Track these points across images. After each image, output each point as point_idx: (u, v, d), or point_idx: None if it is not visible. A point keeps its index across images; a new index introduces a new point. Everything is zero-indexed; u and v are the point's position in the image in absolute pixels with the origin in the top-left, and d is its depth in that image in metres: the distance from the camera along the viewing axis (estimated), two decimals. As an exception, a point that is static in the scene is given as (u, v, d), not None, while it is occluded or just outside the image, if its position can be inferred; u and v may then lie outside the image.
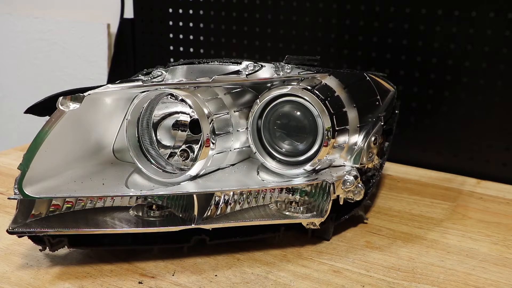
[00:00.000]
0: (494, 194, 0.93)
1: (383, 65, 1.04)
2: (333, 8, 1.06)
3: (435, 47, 0.99)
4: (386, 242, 0.76)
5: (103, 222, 0.70)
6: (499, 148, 0.98)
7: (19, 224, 0.67)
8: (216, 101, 0.73)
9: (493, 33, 0.94)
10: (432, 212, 0.85)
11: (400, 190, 0.94)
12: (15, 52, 1.57)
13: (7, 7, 1.56)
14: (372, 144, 0.77)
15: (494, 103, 0.97)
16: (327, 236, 0.76)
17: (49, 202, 0.69)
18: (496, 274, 0.69)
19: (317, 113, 0.72)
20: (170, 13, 1.24)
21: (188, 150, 0.75)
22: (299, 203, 0.75)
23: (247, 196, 0.73)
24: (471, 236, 0.78)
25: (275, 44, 1.13)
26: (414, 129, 1.05)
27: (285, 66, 0.77)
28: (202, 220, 0.69)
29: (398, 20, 1.01)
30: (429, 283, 0.67)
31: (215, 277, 0.67)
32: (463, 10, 0.95)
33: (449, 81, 1.00)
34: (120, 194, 0.70)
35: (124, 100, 0.73)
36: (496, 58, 0.95)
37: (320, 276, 0.68)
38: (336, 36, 1.07)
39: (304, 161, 0.74)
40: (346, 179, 0.73)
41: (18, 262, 0.70)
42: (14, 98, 1.60)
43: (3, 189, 0.91)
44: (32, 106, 0.68)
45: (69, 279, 0.66)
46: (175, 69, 0.77)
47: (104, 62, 1.42)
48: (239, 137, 0.75)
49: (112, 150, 0.76)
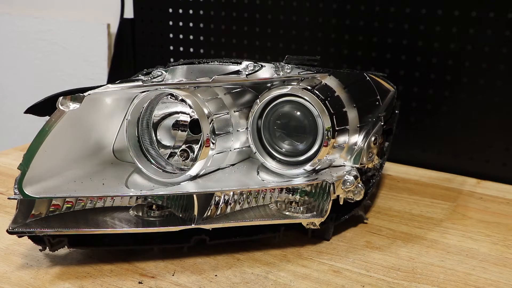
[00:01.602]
0: (494, 194, 0.93)
1: (383, 65, 1.04)
2: (333, 8, 1.06)
3: (435, 47, 0.99)
4: (386, 242, 0.76)
5: (103, 222, 0.70)
6: (499, 148, 0.98)
7: (19, 224, 0.67)
8: (216, 101, 0.73)
9: (493, 33, 0.94)
10: (432, 212, 0.85)
11: (400, 190, 0.94)
12: (15, 52, 1.56)
13: (7, 7, 1.55)
14: (372, 144, 0.77)
15: (494, 103, 0.97)
16: (327, 236, 0.76)
17: (49, 202, 0.69)
18: (496, 274, 0.69)
19: (317, 113, 0.72)
20: (170, 13, 1.24)
21: (188, 150, 0.75)
22: (299, 203, 0.74)
23: (247, 196, 0.73)
24: (471, 236, 0.78)
25: (275, 44, 1.13)
26: (414, 129, 1.05)
27: (285, 66, 0.77)
28: (202, 220, 0.69)
29: (398, 20, 1.01)
30: (429, 283, 0.67)
31: (215, 277, 0.67)
32: (463, 10, 0.95)
33: (449, 81, 1.00)
34: (120, 194, 0.70)
35: (124, 100, 0.73)
36: (496, 58, 0.95)
37: (320, 276, 0.68)
38: (336, 36, 1.07)
39: (304, 161, 0.74)
40: (346, 179, 0.73)
41: (18, 262, 0.70)
42: (14, 98, 1.60)
43: (3, 189, 0.91)
44: (32, 106, 0.68)
45: (69, 279, 0.66)
46: (175, 69, 0.77)
47: (104, 62, 1.42)
48: (239, 137, 0.75)
49: (112, 150, 0.76)
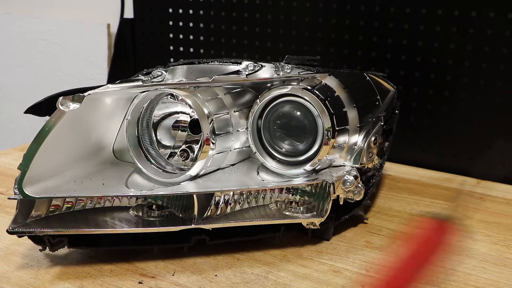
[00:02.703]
0: (494, 194, 0.93)
1: (383, 65, 1.04)
2: (333, 8, 1.06)
3: (435, 47, 0.99)
4: (386, 242, 0.76)
5: (103, 222, 0.70)
6: (499, 148, 0.98)
7: (19, 224, 0.67)
8: (216, 101, 0.73)
9: (493, 33, 0.94)
10: (432, 212, 0.85)
11: (400, 190, 0.94)
12: (15, 52, 1.56)
13: (7, 7, 1.55)
14: (372, 144, 0.77)
15: (494, 103, 0.97)
16: (327, 236, 0.76)
17: (49, 202, 0.69)
18: (496, 274, 0.69)
19: (317, 113, 0.72)
20: (170, 13, 1.24)
21: (188, 150, 0.75)
22: (299, 203, 0.74)
23: (247, 196, 0.73)
24: (471, 236, 0.78)
25: (275, 44, 1.13)
26: (414, 129, 1.05)
27: (285, 66, 0.77)
28: (202, 220, 0.69)
29: (398, 20, 1.01)
30: (429, 283, 0.67)
31: (215, 277, 0.67)
32: (463, 10, 0.95)
33: (449, 81, 1.00)
34: (120, 194, 0.70)
35: (124, 100, 0.73)
36: (496, 58, 0.95)
37: (320, 276, 0.68)
38: (336, 36, 1.07)
39: (304, 161, 0.74)
40: (346, 179, 0.73)
41: (18, 262, 0.70)
42: (14, 98, 1.60)
43: (3, 189, 0.91)
44: (32, 106, 0.68)
45: (69, 279, 0.66)
46: (175, 69, 0.77)
47: (104, 62, 1.42)
48: (239, 137, 0.75)
49: (112, 150, 0.76)
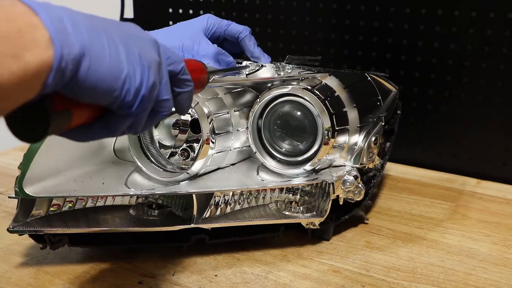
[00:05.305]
0: (494, 194, 0.93)
1: (383, 65, 1.04)
2: (333, 8, 1.06)
3: (435, 47, 0.99)
4: (386, 242, 0.76)
5: (103, 221, 0.70)
6: (499, 148, 0.98)
7: (19, 223, 0.67)
8: (216, 100, 0.73)
9: (493, 33, 0.94)
10: (432, 212, 0.85)
11: (400, 190, 0.94)
12: (15, 52, 1.56)
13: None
14: (373, 144, 0.77)
15: (494, 103, 0.97)
16: (327, 236, 0.76)
17: (50, 202, 0.69)
18: (496, 274, 0.69)
19: (317, 113, 0.72)
20: (170, 13, 1.24)
21: (189, 149, 0.75)
22: (299, 203, 0.74)
23: (247, 196, 0.73)
24: (471, 236, 0.78)
25: (275, 44, 1.13)
26: (414, 129, 1.05)
27: (286, 66, 0.77)
28: (202, 219, 0.69)
29: (398, 20, 1.01)
30: (429, 283, 0.67)
31: (215, 277, 0.67)
32: (463, 10, 0.95)
33: (449, 81, 1.00)
34: (120, 193, 0.71)
35: (124, 100, 0.73)
36: (496, 58, 0.95)
37: (320, 276, 0.68)
38: (336, 36, 1.07)
39: (304, 161, 0.74)
40: (346, 179, 0.73)
41: (18, 262, 0.70)
42: (14, 98, 1.59)
43: (3, 189, 0.91)
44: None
45: (69, 279, 0.66)
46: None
47: (104, 62, 1.42)
48: (239, 136, 0.75)
49: (113, 149, 0.76)
